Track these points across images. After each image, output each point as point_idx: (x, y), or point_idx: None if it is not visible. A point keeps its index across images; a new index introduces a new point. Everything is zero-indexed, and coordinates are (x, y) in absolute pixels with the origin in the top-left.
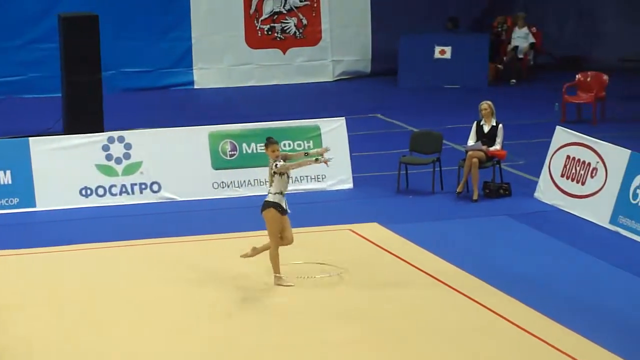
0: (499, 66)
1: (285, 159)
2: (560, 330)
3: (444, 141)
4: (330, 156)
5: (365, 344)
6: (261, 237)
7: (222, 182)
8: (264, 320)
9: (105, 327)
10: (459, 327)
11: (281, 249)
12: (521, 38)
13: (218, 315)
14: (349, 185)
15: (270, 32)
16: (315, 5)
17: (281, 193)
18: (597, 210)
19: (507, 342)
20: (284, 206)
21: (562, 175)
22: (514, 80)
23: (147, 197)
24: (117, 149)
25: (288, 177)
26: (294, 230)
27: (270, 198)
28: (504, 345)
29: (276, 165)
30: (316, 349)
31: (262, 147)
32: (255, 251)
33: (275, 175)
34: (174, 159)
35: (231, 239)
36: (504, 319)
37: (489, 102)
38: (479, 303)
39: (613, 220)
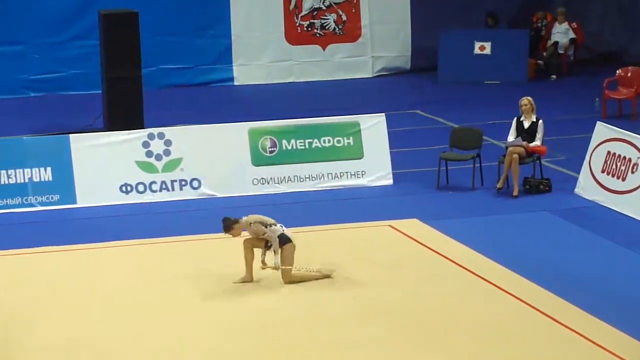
0: (539, 62)
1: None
2: (600, 325)
3: (484, 137)
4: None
5: (403, 339)
6: (300, 233)
7: (262, 178)
8: (296, 315)
9: (147, 324)
10: (498, 323)
11: (323, 244)
12: (561, 33)
13: (261, 311)
14: (389, 181)
15: (309, 29)
16: (354, 1)
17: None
18: (638, 206)
19: (546, 337)
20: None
21: (603, 171)
22: (554, 76)
23: (187, 194)
24: (157, 146)
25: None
26: (334, 225)
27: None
28: (543, 341)
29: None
30: (350, 345)
31: (302, 143)
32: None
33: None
34: (214, 156)
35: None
36: (544, 314)
37: (529, 98)
38: (518, 299)
39: None
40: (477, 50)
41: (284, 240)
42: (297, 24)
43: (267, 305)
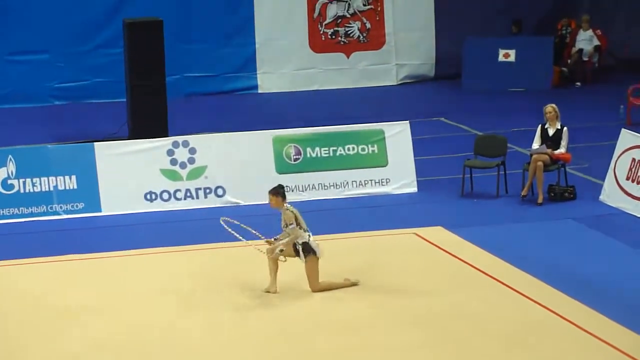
0: (564, 69)
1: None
2: (626, 333)
3: (509, 144)
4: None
5: (429, 348)
6: (325, 241)
7: (287, 186)
8: (322, 324)
9: (171, 332)
10: (525, 331)
11: (348, 252)
12: (586, 41)
13: (287, 320)
14: (413, 189)
15: (334, 36)
16: (378, 9)
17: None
18: None
19: (572, 345)
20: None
21: (628, 178)
22: (578, 83)
23: (212, 202)
24: (181, 154)
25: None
26: (359, 233)
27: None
28: (568, 348)
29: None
30: (379, 354)
31: (326, 151)
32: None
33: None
34: (239, 164)
35: None
36: (571, 322)
37: (554, 105)
38: (544, 307)
39: None
40: (501, 58)
41: (308, 249)
42: (321, 32)
43: (293, 314)
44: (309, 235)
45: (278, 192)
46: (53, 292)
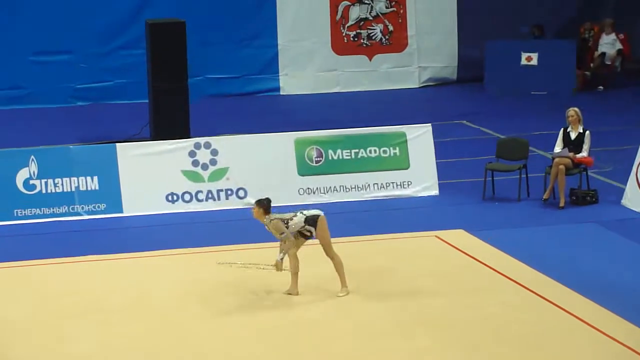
0: (586, 73)
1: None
2: None
3: (531, 148)
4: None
5: (447, 351)
6: (346, 244)
7: (308, 188)
8: (343, 327)
9: (193, 333)
10: (546, 335)
11: (369, 254)
12: (608, 44)
13: (307, 322)
14: (435, 191)
15: (356, 39)
16: (401, 11)
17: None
18: None
19: (593, 350)
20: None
21: None
22: (601, 87)
23: (233, 203)
24: (203, 155)
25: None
26: (380, 236)
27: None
28: (589, 352)
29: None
30: (397, 356)
31: (348, 154)
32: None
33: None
34: (260, 165)
35: (319, 245)
36: (592, 326)
37: (576, 109)
38: (566, 311)
39: None
40: (524, 61)
41: (311, 222)
42: (344, 34)
43: (312, 317)
44: (300, 213)
45: (262, 203)
46: (73, 293)
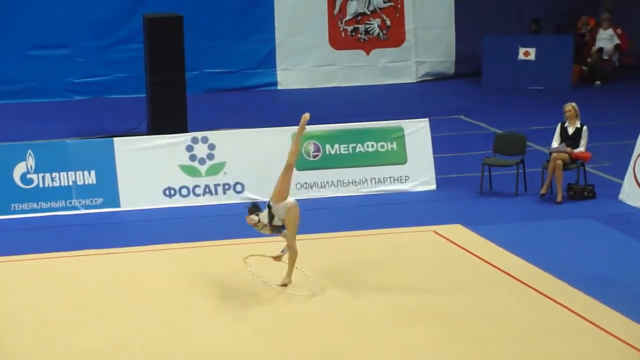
0: (584, 68)
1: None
2: None
3: (528, 143)
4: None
5: (445, 347)
6: (343, 238)
7: (306, 182)
8: (340, 322)
9: (190, 327)
10: (542, 330)
11: (366, 249)
12: (606, 39)
13: (304, 317)
14: (432, 186)
15: (353, 33)
16: (399, 6)
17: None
18: None
19: (591, 345)
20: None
21: None
22: (598, 82)
23: (231, 198)
24: (200, 150)
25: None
26: (377, 230)
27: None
28: (587, 348)
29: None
30: (394, 352)
31: (345, 148)
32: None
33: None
34: (258, 160)
35: (317, 240)
36: (589, 321)
37: (574, 104)
38: (563, 305)
39: None
40: (521, 56)
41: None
42: (341, 29)
43: (309, 311)
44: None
45: (250, 211)
46: (70, 287)
